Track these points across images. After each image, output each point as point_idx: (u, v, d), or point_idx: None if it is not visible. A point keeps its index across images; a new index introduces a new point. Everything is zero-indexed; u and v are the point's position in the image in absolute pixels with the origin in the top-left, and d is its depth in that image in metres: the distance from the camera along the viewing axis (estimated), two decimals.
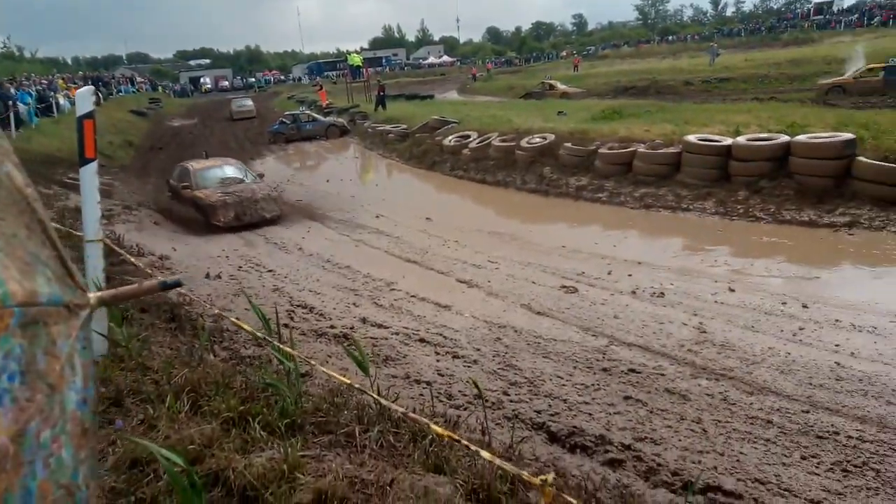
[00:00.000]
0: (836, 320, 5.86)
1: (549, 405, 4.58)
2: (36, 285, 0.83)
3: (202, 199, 11.75)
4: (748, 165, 10.23)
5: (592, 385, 4.89)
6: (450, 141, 16.95)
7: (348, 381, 2.49)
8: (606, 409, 4.50)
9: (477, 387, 2.85)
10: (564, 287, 7.27)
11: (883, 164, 8.79)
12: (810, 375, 4.85)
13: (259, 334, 3.20)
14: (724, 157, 10.61)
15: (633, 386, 4.85)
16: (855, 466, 3.75)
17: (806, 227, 8.85)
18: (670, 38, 75.50)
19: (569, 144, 13.27)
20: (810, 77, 24.92)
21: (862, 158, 9.05)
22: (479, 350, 5.68)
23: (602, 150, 12.53)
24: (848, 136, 9.50)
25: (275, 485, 1.88)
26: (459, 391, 4.85)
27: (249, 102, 36.07)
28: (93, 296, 1.02)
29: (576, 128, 14.41)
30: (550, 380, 5.02)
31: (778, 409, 4.39)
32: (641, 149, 11.98)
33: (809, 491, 3.53)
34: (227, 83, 72.42)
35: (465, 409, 4.37)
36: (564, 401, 4.66)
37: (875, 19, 53.88)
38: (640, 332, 5.86)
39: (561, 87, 33.09)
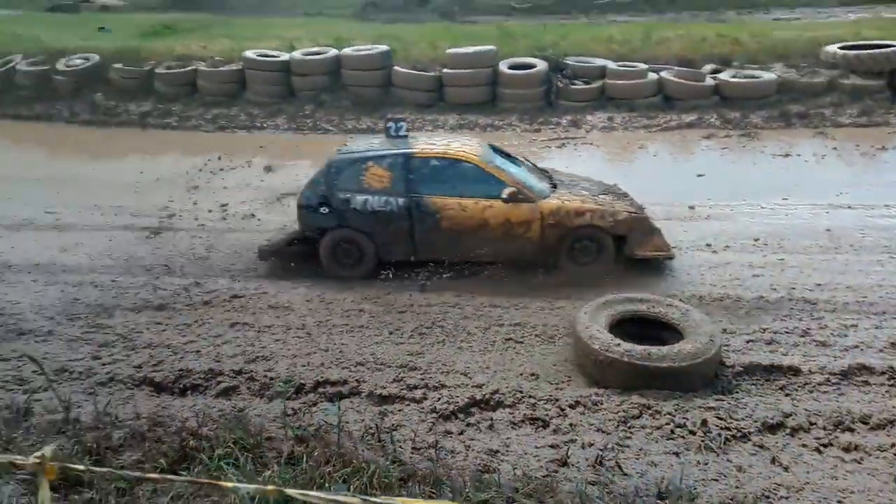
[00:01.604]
0: None
1: (151, 356, 4.25)
2: None
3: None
4: (308, 80, 10.75)
5: (196, 322, 4.71)
6: None
7: None
8: (213, 341, 4.41)
9: (37, 363, 2.44)
10: (147, 228, 6.64)
11: (413, 71, 10.33)
12: None
13: None
14: (285, 73, 10.88)
15: (238, 311, 4.85)
16: (427, 328, 4.58)
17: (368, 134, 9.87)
18: None
19: (119, 65, 11.67)
20: None
21: (398, 68, 10.44)
22: (52, 319, 4.83)
23: (159, 71, 11.43)
24: (383, 47, 10.77)
25: None
26: (34, 371, 4.08)
27: None
28: None
29: (125, 46, 12.70)
30: (148, 329, 4.63)
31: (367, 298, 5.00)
32: (202, 67, 11.38)
33: (398, 358, 4.17)
34: None
35: (43, 391, 3.71)
36: (168, 346, 4.39)
37: None
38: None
39: None
